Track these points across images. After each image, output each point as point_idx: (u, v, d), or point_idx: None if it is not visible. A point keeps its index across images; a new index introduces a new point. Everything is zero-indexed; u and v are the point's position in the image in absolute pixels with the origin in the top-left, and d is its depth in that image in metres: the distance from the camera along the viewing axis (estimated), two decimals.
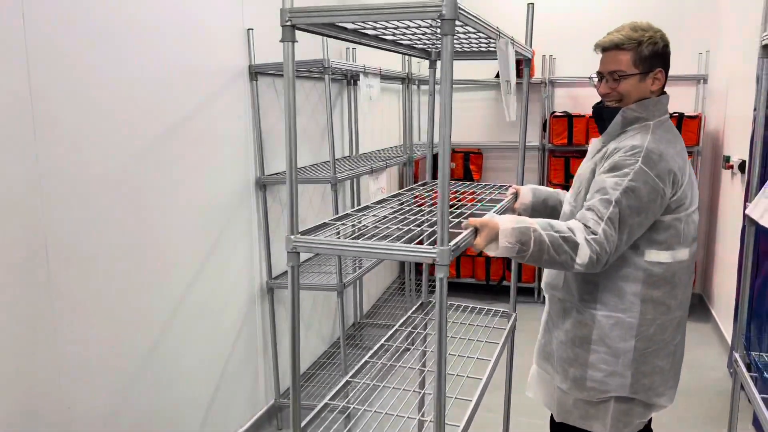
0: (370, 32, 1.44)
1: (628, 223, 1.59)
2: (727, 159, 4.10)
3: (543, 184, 5.02)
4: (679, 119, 4.40)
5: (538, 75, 5.01)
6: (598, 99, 1.87)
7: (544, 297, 1.98)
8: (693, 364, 3.74)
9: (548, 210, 2.08)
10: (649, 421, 1.93)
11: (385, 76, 3.39)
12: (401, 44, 1.75)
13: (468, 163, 5.14)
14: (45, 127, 1.68)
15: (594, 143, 1.86)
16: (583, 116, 4.69)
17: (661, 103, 1.76)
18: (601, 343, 1.75)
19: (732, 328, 3.66)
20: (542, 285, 1.97)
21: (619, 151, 1.67)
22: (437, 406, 1.37)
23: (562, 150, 4.85)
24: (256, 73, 2.77)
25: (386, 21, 1.13)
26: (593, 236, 1.57)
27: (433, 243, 1.29)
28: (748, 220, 2.14)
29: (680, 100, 4.74)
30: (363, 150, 4.17)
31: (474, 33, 1.39)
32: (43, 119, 1.67)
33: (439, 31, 1.31)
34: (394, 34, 1.50)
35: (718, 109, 4.56)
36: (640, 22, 1.77)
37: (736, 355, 2.23)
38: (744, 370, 2.13)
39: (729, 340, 3.78)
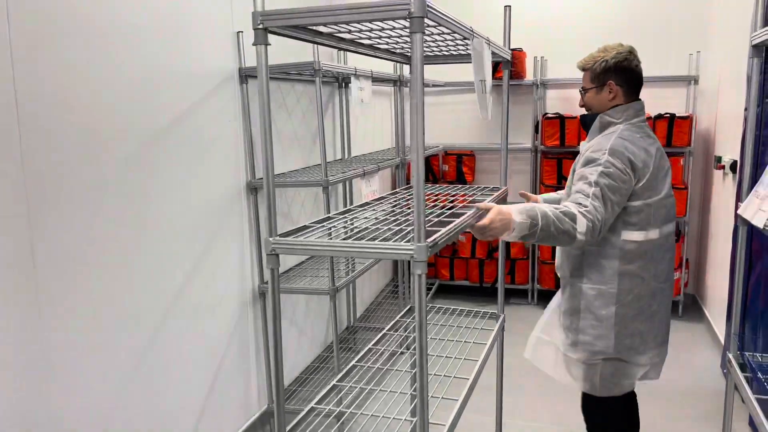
0: (346, 36, 1.44)
1: (609, 198, 1.94)
2: (719, 159, 4.10)
3: (535, 186, 5.03)
4: (671, 120, 4.40)
5: (530, 77, 5.02)
6: None
7: (537, 298, 2.28)
8: (687, 365, 3.73)
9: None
10: (635, 397, 2.30)
11: (377, 79, 3.39)
12: (379, 48, 1.75)
13: (461, 166, 5.14)
14: (30, 130, 1.68)
15: (582, 144, 2.21)
16: (575, 118, 4.70)
17: (632, 108, 2.13)
18: (587, 311, 2.12)
19: (725, 328, 3.65)
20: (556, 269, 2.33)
21: (591, 148, 2.06)
22: (420, 405, 1.37)
23: (555, 151, 4.86)
24: (246, 75, 2.76)
25: (357, 22, 1.13)
26: (585, 209, 1.89)
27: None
28: (740, 219, 2.14)
29: (671, 101, 4.75)
30: (355, 152, 4.17)
31: (449, 34, 1.39)
32: (29, 122, 1.67)
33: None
34: (370, 38, 1.50)
35: (709, 110, 4.56)
36: (608, 44, 2.18)
37: (730, 356, 2.22)
38: (737, 370, 2.13)
39: (722, 341, 3.77)
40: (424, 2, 1.03)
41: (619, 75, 2.12)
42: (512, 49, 4.82)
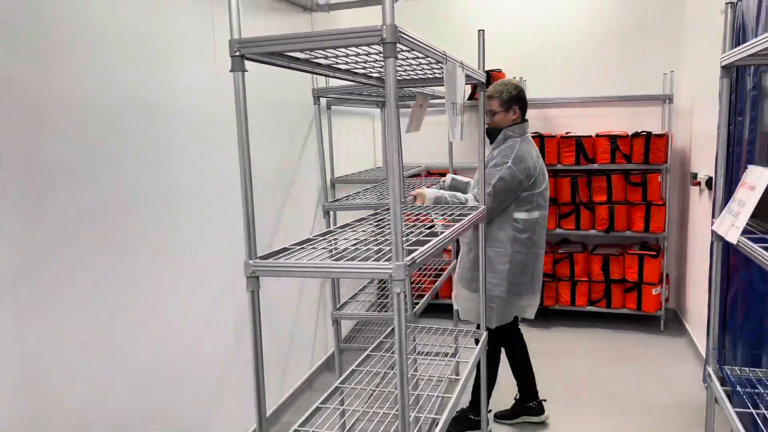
0: (322, 62, 1.47)
1: (499, 195, 2.80)
2: (695, 176, 4.18)
3: None
4: (647, 138, 4.48)
5: None
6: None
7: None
8: (669, 379, 3.76)
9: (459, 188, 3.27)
10: (517, 325, 3.19)
11: (362, 100, 3.45)
12: (356, 72, 1.78)
13: None
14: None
15: (488, 148, 2.98)
16: (555, 136, 4.77)
17: (524, 127, 2.99)
18: (489, 267, 2.92)
19: (706, 342, 3.69)
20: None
21: (500, 155, 2.89)
22: (402, 427, 1.37)
23: None
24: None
25: (333, 48, 1.15)
26: (477, 202, 2.67)
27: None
28: (715, 235, 2.18)
29: (647, 119, 4.85)
30: (338, 173, 4.19)
31: (424, 58, 1.42)
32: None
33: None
34: (347, 63, 1.53)
35: (684, 128, 4.66)
36: (504, 80, 3.04)
37: (709, 370, 2.25)
38: (717, 384, 2.15)
39: (704, 355, 3.81)
40: (395, 28, 1.06)
41: (519, 102, 2.96)
42: (491, 70, 4.89)
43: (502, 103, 2.94)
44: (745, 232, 1.86)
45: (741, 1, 3.09)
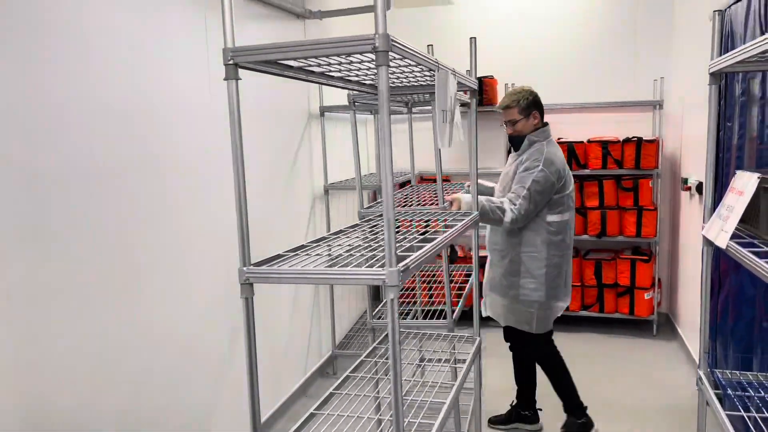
0: (316, 69, 1.48)
1: (534, 198, 2.83)
2: (685, 181, 4.22)
3: None
4: (638, 143, 4.52)
5: None
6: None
7: None
8: (662, 383, 3.78)
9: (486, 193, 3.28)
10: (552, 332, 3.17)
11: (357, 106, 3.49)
12: (350, 80, 1.79)
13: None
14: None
15: (512, 155, 3.10)
16: None
17: (546, 130, 3.01)
18: (526, 272, 2.96)
19: (698, 346, 3.71)
20: (486, 244, 3.17)
21: (529, 159, 2.91)
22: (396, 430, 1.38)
23: None
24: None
25: (326, 56, 1.16)
26: (513, 206, 2.82)
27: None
28: (704, 240, 2.20)
29: (638, 124, 4.89)
30: (332, 180, 4.20)
31: (416, 66, 1.44)
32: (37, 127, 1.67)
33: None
34: (339, 71, 1.54)
35: (674, 133, 4.70)
36: (516, 87, 3.08)
37: (701, 373, 2.26)
38: (708, 387, 2.16)
39: (696, 359, 3.83)
40: (388, 37, 1.08)
41: (537, 106, 2.99)
42: (484, 77, 4.92)
43: (521, 110, 2.96)
44: (734, 236, 1.88)
45: (729, 8, 3.13)
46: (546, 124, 3.01)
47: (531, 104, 2.97)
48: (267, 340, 3.29)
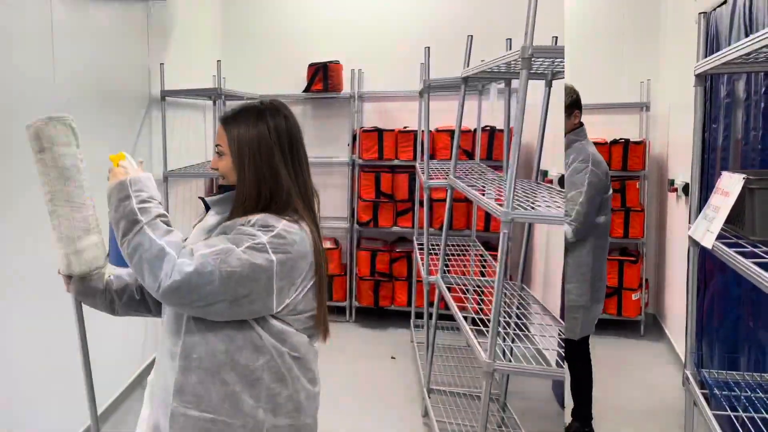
0: None
1: (591, 195, 2.75)
2: (672, 182, 4.25)
3: (354, 200, 4.99)
4: (625, 145, 4.55)
5: (347, 89, 5.00)
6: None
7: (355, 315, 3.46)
8: (649, 383, 3.80)
9: None
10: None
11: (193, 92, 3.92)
12: None
13: None
14: None
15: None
16: (393, 130, 4.72)
17: (584, 129, 2.96)
18: (572, 277, 2.89)
19: (685, 346, 3.74)
20: None
21: (575, 160, 2.84)
22: None
23: (372, 165, 4.84)
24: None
25: None
26: (570, 218, 2.74)
27: None
28: (691, 241, 2.21)
29: (625, 126, 4.91)
30: (171, 167, 4.02)
31: None
32: None
33: None
34: None
35: (661, 135, 4.73)
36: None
37: (687, 373, 2.27)
38: (695, 387, 2.17)
39: (683, 359, 3.85)
40: None
41: (578, 105, 2.95)
42: (329, 62, 4.82)
43: (564, 109, 2.92)
44: (720, 237, 1.89)
45: (714, 11, 3.16)
46: (582, 123, 2.97)
47: (573, 103, 2.92)
48: None
